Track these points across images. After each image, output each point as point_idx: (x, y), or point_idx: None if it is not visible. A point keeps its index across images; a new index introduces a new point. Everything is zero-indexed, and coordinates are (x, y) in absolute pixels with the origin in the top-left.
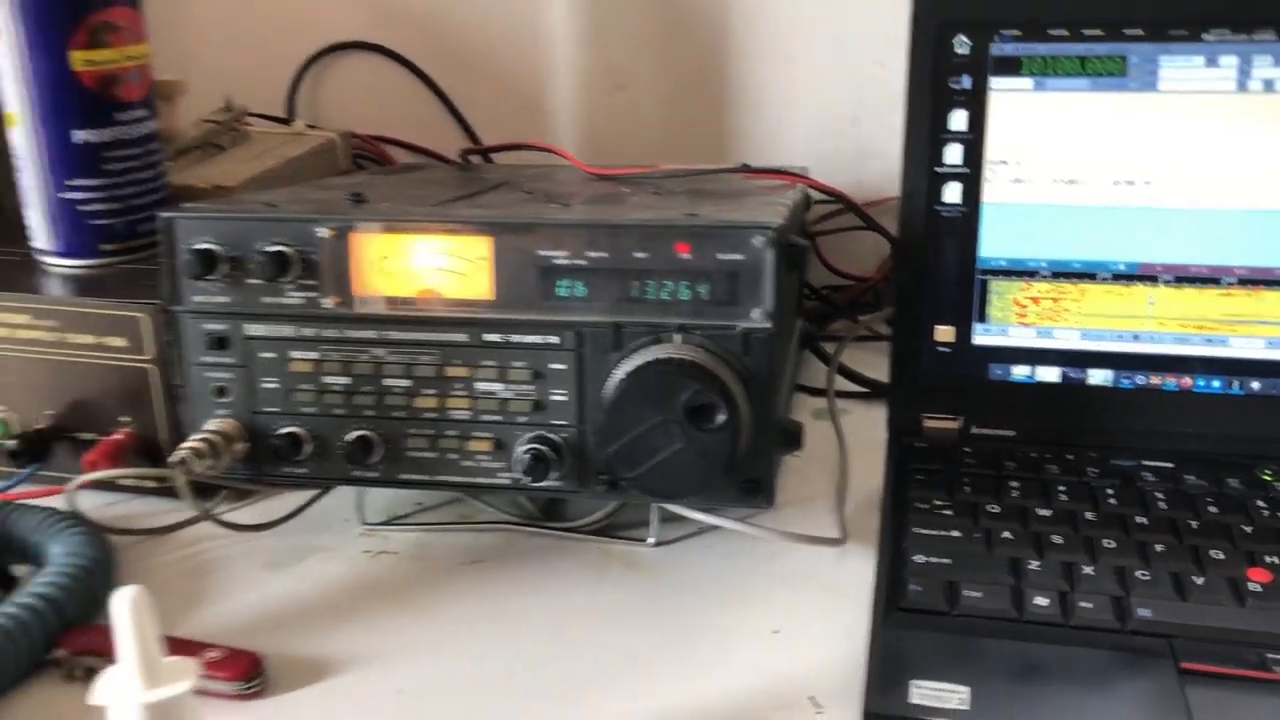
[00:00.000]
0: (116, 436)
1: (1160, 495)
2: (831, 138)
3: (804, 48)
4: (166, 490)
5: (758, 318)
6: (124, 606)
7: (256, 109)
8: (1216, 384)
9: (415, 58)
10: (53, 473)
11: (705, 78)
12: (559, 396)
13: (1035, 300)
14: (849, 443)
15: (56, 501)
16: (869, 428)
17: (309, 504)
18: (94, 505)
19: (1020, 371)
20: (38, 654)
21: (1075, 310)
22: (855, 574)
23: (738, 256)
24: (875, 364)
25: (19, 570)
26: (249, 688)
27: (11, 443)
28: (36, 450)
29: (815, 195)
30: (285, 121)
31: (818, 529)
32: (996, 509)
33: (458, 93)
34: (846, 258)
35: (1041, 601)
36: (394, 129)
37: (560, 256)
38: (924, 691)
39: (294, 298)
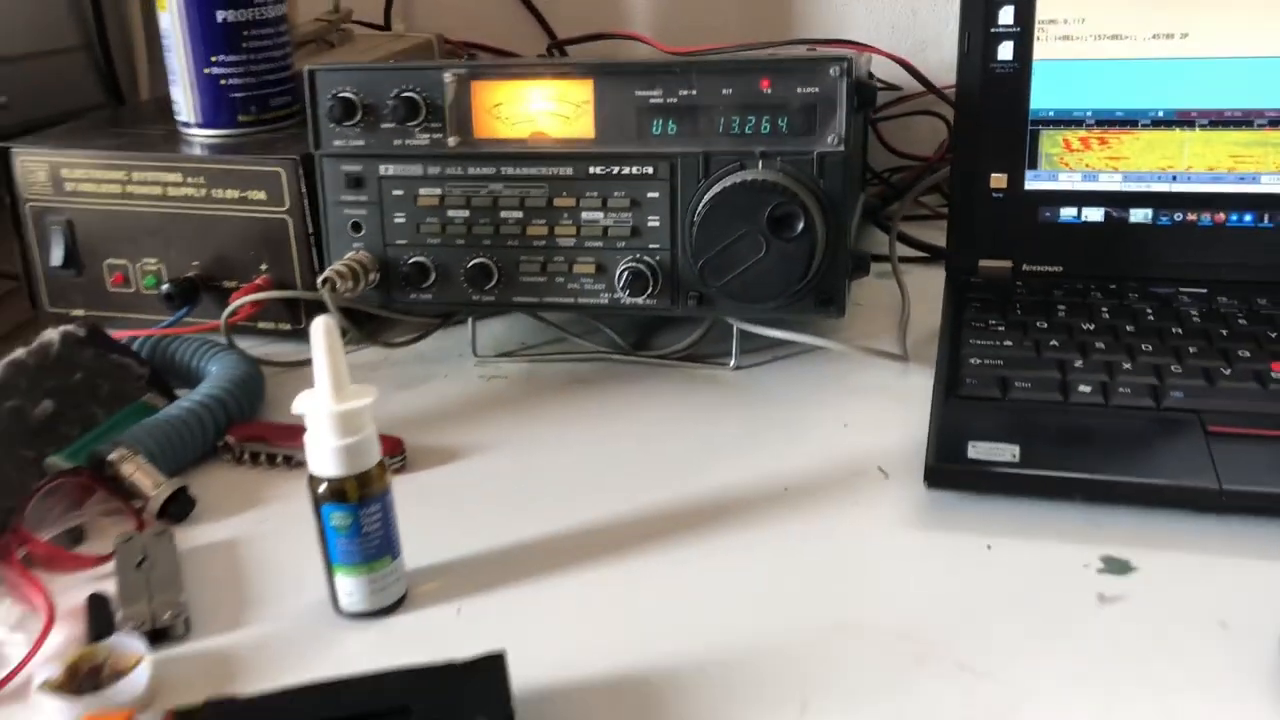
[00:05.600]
0: (258, 281)
1: (1194, 313)
2: (891, 29)
3: None
4: (297, 334)
5: (832, 142)
6: (320, 331)
7: (356, 17)
8: (1248, 218)
9: None
10: (198, 319)
11: None
12: (654, 222)
13: (1082, 146)
14: (910, 294)
15: (212, 333)
16: (928, 284)
17: (431, 331)
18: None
19: (1067, 213)
20: (209, 440)
21: (1118, 154)
22: (916, 387)
23: (814, 89)
24: (933, 237)
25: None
26: (395, 462)
27: (166, 286)
28: (187, 295)
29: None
30: (382, 29)
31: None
32: (1044, 325)
33: None
34: (906, 141)
35: (1084, 389)
36: (480, 34)
37: (655, 96)
38: (979, 449)
39: (421, 139)
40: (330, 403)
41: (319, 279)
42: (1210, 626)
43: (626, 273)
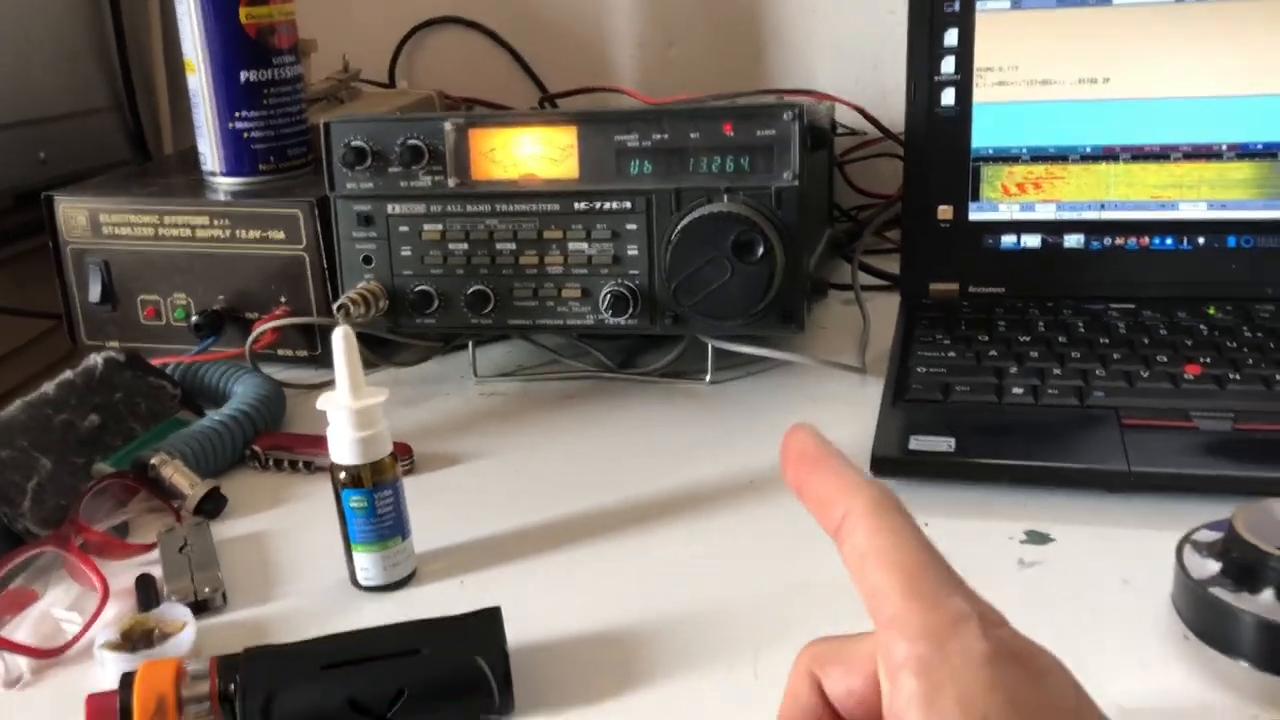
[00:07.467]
0: (278, 312)
1: (1121, 326)
2: (855, 80)
3: (828, 1)
4: (314, 359)
5: (787, 179)
6: (339, 339)
7: (363, 76)
8: (1169, 241)
9: (493, 26)
10: (223, 347)
11: (743, 33)
12: (633, 251)
13: (1018, 181)
14: (870, 317)
15: (237, 359)
16: (887, 309)
17: (435, 354)
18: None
19: (1008, 240)
20: (238, 449)
21: (1051, 187)
22: (871, 395)
23: (771, 132)
24: (894, 268)
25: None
26: (404, 464)
27: (195, 318)
28: (214, 326)
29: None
30: (387, 86)
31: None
32: (985, 338)
33: (531, 56)
34: (871, 181)
35: (1017, 391)
36: (477, 90)
37: (631, 140)
38: (920, 441)
39: (425, 181)
40: (349, 400)
41: (334, 305)
42: (1115, 584)
43: (609, 296)
